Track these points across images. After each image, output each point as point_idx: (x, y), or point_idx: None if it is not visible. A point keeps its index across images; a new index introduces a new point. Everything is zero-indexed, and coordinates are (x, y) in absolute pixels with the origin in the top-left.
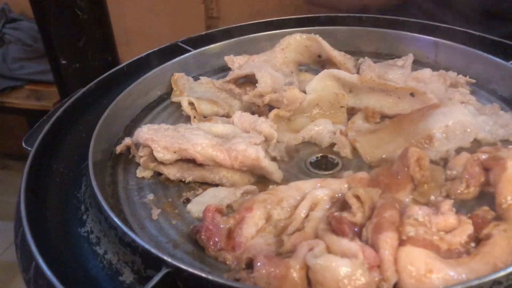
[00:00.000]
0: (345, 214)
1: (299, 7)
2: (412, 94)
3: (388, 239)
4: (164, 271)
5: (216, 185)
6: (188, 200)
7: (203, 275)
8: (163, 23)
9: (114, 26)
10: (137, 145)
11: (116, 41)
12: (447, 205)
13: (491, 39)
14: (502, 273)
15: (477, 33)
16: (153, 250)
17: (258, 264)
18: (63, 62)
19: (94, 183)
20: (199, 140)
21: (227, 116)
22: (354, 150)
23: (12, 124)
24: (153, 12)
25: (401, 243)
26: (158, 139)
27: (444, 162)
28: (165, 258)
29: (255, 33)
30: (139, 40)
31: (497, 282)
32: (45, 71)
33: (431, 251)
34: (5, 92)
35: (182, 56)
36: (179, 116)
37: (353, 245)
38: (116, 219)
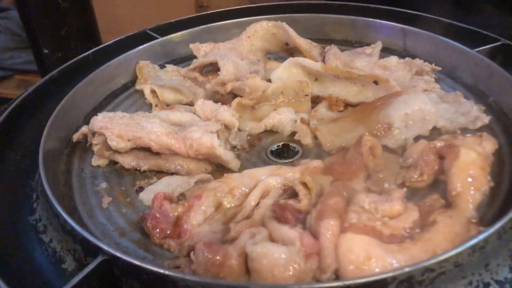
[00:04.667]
0: (290, 201)
1: None
2: (375, 82)
3: (329, 226)
4: (99, 258)
5: (172, 174)
6: (141, 189)
7: (137, 263)
8: (153, 12)
9: (104, 15)
10: (94, 134)
11: (106, 31)
12: (398, 193)
13: (460, 26)
14: (433, 261)
15: (446, 20)
16: (90, 238)
17: (197, 250)
18: (46, 51)
19: (42, 171)
20: (154, 128)
21: (191, 104)
22: (316, 138)
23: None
24: (143, 1)
25: (343, 230)
26: (112, 127)
27: (402, 150)
28: (101, 245)
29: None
30: (130, 29)
31: (429, 269)
32: (34, 61)
33: (373, 237)
34: None
35: (148, 44)
36: (142, 105)
37: (292, 232)
38: (57, 206)
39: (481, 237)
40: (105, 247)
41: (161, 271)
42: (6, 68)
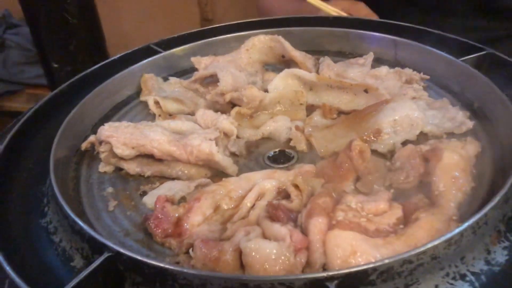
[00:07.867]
0: (283, 202)
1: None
2: (366, 91)
3: (317, 223)
4: (105, 255)
5: (174, 179)
6: (145, 193)
7: (140, 258)
8: (159, 26)
9: (111, 30)
10: (101, 142)
11: (114, 45)
12: (384, 194)
13: (448, 36)
14: (411, 253)
15: (435, 31)
16: (96, 236)
17: (196, 247)
18: (55, 65)
19: (52, 177)
20: (156, 136)
21: (192, 114)
22: (310, 144)
23: None
24: (150, 15)
25: (330, 227)
26: (117, 136)
27: (391, 154)
28: (106, 243)
29: (227, 34)
30: (137, 43)
31: (407, 261)
32: (43, 75)
33: (358, 232)
34: (6, 96)
35: (152, 58)
36: (147, 115)
37: (283, 229)
38: (67, 208)
39: (456, 231)
40: (110, 244)
41: (161, 265)
42: (16, 82)
